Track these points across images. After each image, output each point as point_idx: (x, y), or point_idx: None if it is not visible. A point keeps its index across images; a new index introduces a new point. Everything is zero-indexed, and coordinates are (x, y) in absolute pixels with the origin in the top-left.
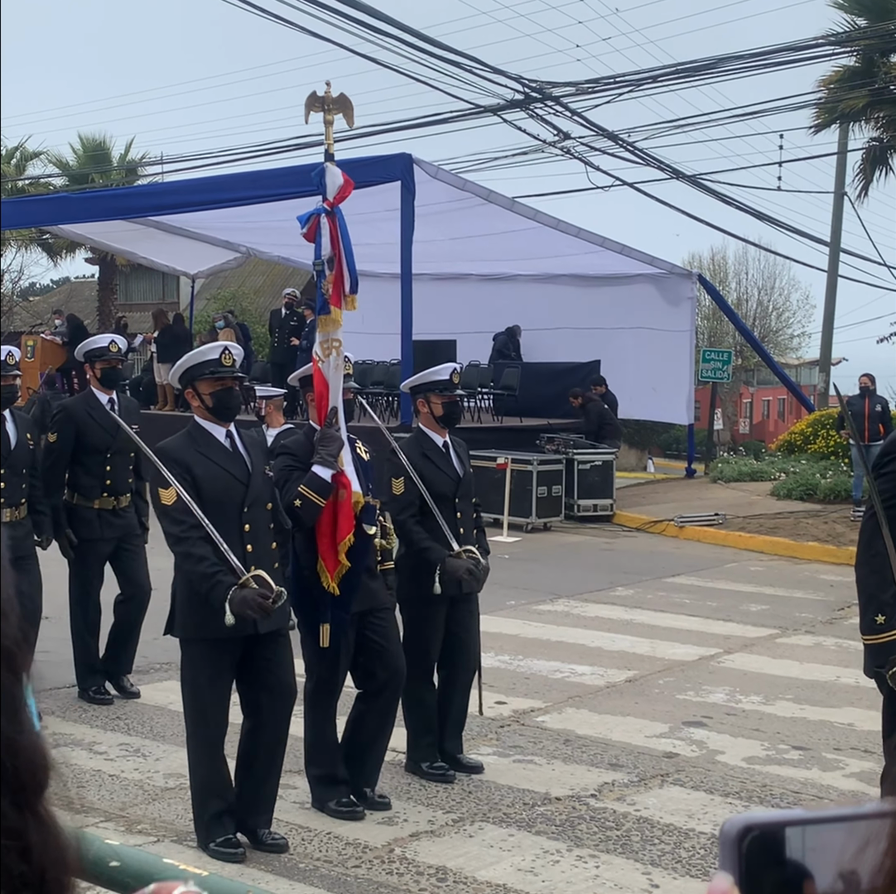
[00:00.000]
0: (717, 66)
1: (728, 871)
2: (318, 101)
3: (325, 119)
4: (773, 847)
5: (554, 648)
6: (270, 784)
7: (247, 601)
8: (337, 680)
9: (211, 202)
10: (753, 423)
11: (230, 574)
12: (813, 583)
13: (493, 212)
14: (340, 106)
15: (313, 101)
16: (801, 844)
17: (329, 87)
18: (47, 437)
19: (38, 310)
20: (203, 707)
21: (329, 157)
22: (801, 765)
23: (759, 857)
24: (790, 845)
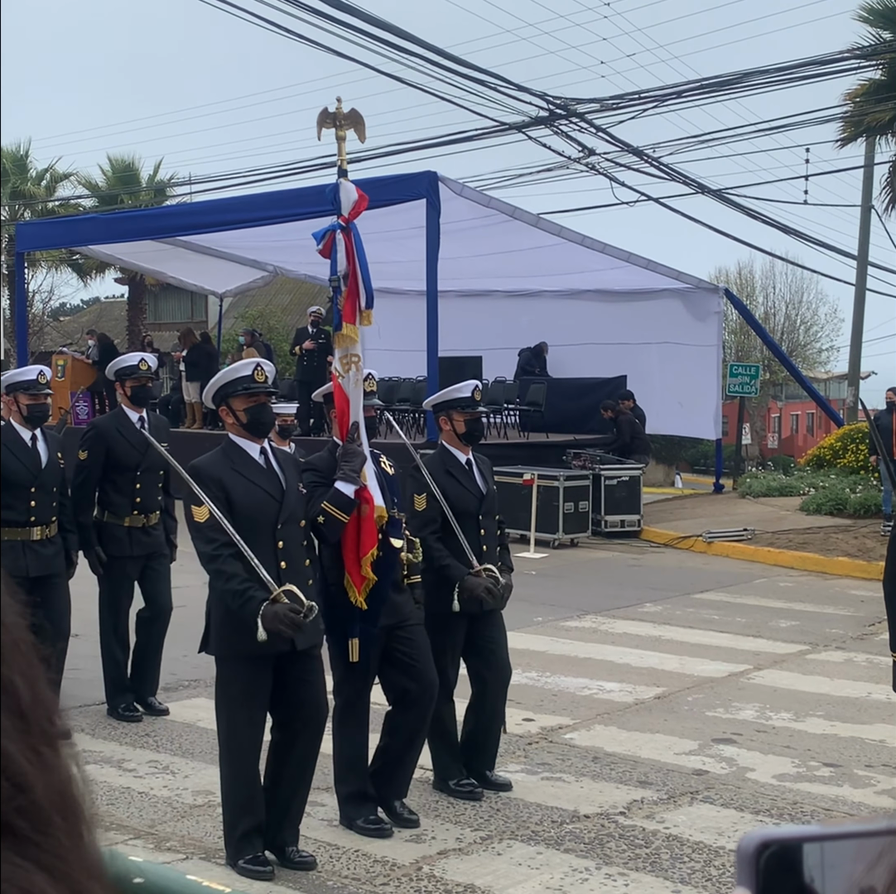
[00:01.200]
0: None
1: (746, 887)
2: (330, 118)
3: (337, 135)
4: (791, 863)
5: (582, 665)
6: (299, 801)
7: (278, 616)
8: (367, 695)
9: (238, 221)
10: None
11: (262, 589)
12: (843, 598)
13: (519, 228)
14: (352, 121)
15: (325, 118)
16: (820, 860)
17: (340, 102)
18: (77, 455)
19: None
20: (238, 724)
21: (342, 173)
22: (832, 782)
23: (777, 873)
24: (808, 861)
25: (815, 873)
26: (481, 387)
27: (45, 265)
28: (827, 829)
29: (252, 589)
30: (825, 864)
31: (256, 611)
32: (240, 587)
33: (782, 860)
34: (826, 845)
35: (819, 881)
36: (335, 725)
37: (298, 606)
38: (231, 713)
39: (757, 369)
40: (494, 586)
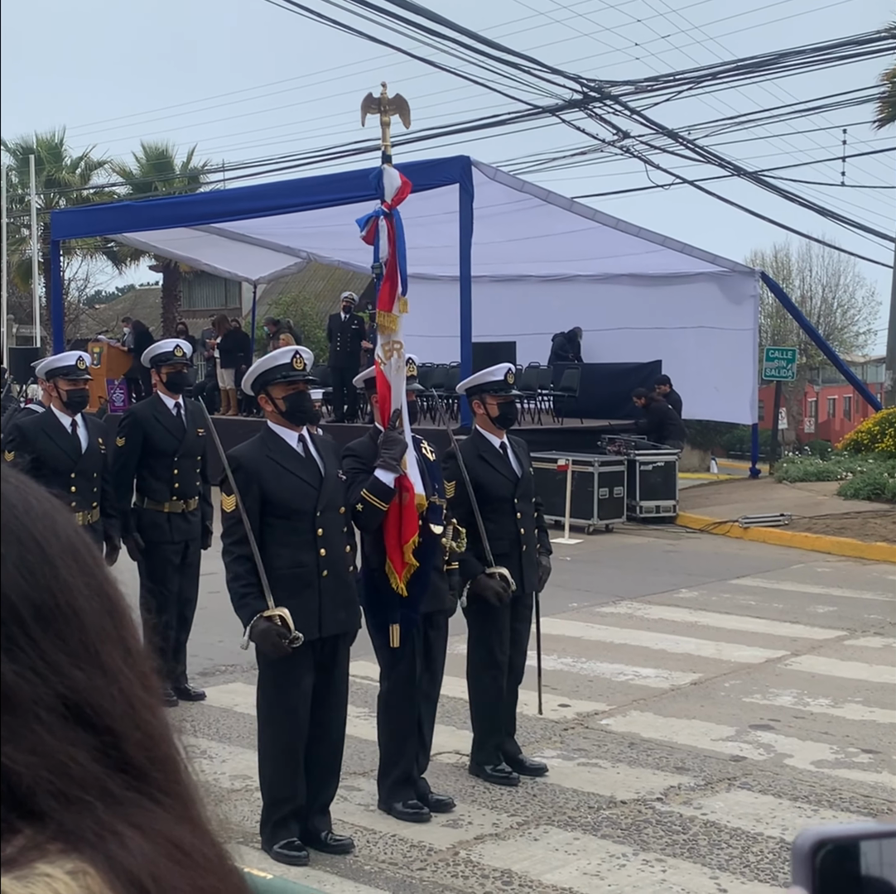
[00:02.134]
0: (778, 61)
1: (802, 886)
2: (374, 103)
3: (382, 121)
4: (849, 861)
5: (617, 650)
6: (332, 787)
7: (265, 634)
8: (412, 680)
9: (272, 208)
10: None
11: (260, 599)
12: (881, 583)
13: (552, 212)
14: (397, 107)
15: (369, 103)
16: (879, 858)
17: (385, 88)
18: (115, 442)
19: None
20: (281, 710)
21: (386, 159)
22: (871, 769)
23: (834, 872)
24: (866, 859)
25: (876, 871)
26: (514, 370)
27: (80, 253)
28: (885, 827)
29: (251, 596)
30: (884, 862)
31: (248, 621)
32: (240, 590)
33: (839, 858)
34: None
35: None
36: (381, 711)
37: (287, 632)
38: (272, 698)
39: (793, 353)
40: (504, 591)
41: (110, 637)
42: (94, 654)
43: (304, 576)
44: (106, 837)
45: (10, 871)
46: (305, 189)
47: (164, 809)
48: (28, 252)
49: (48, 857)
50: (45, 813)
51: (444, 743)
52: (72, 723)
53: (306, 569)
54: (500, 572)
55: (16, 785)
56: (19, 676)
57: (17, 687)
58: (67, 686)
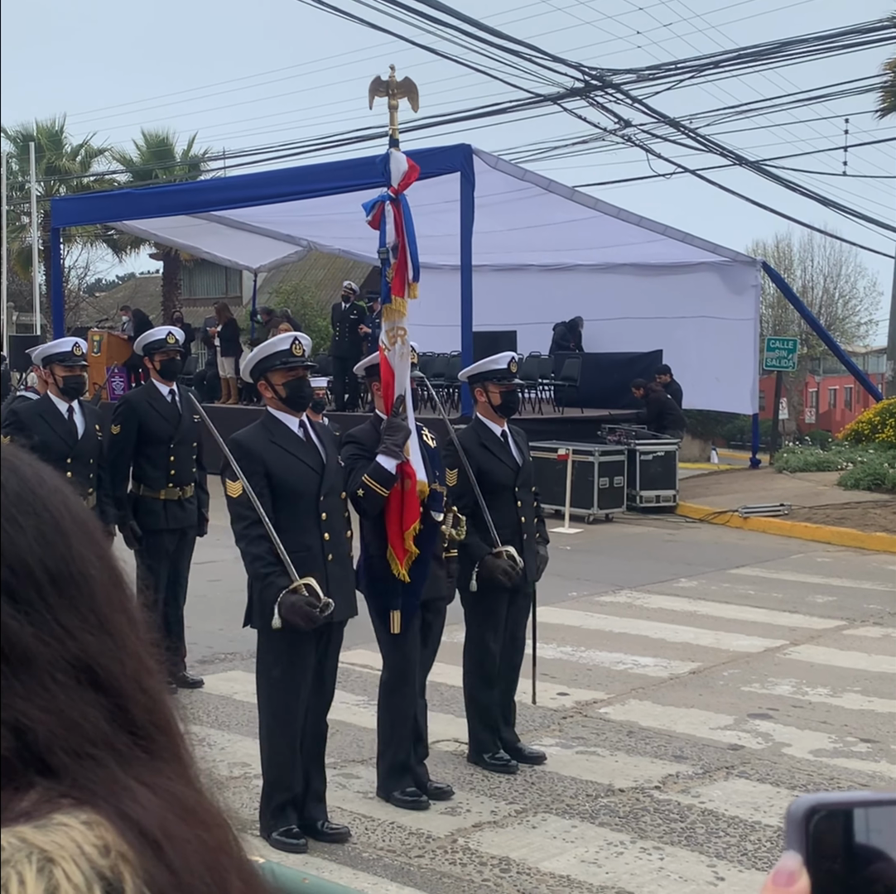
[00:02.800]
0: (780, 50)
1: (795, 850)
2: (383, 86)
3: (390, 104)
4: (841, 828)
5: (616, 640)
6: (321, 774)
7: (295, 607)
8: (413, 667)
9: (272, 196)
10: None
11: (283, 576)
12: (881, 573)
13: (554, 201)
14: (405, 90)
15: (377, 86)
16: (870, 825)
17: (393, 71)
18: (110, 430)
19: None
20: (280, 698)
21: (394, 143)
22: (870, 758)
23: (827, 838)
24: (858, 826)
25: (866, 838)
26: (517, 359)
27: (80, 241)
28: (879, 795)
29: (274, 574)
30: (875, 829)
31: (275, 598)
32: (262, 571)
33: (832, 824)
34: (877, 810)
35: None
36: (382, 697)
37: (315, 600)
38: (272, 686)
39: (794, 343)
40: (513, 569)
41: (117, 606)
42: (103, 621)
43: (311, 559)
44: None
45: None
46: (306, 177)
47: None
48: (28, 240)
49: (63, 809)
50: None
51: (443, 731)
52: (84, 685)
53: (312, 552)
54: (506, 550)
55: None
56: (37, 638)
57: (36, 648)
58: (80, 649)
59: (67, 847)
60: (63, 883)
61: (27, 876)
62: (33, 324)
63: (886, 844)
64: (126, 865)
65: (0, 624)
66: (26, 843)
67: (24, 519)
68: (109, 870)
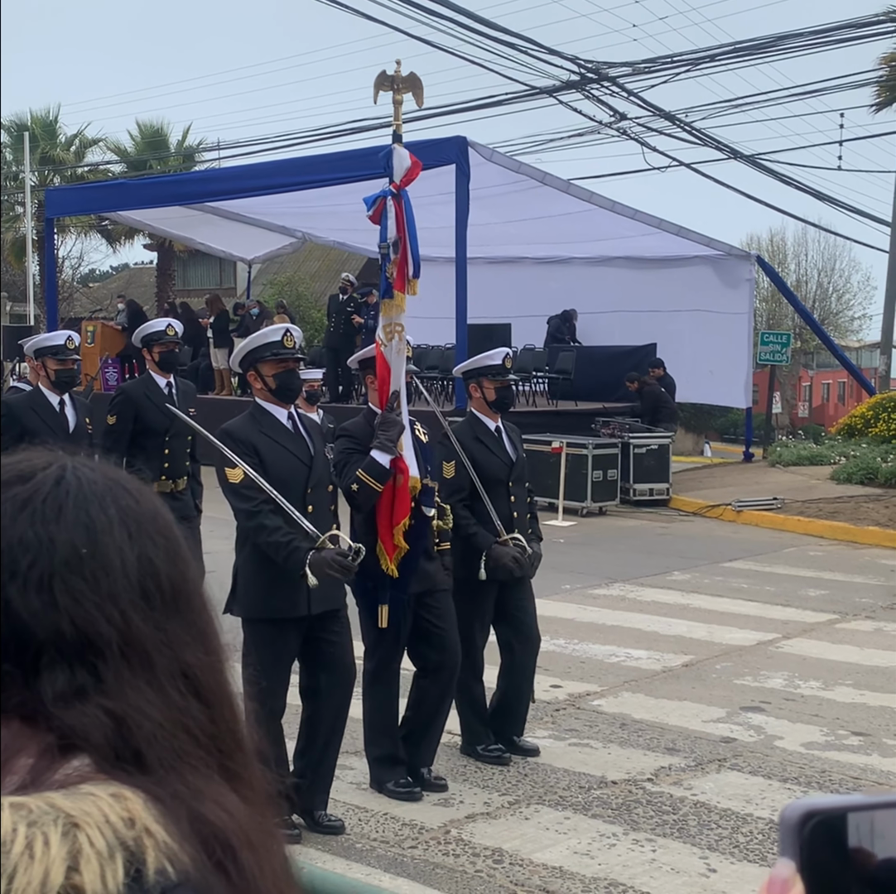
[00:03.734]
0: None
1: (789, 857)
2: (388, 81)
3: (395, 98)
4: (836, 833)
5: (609, 632)
6: (328, 765)
7: (326, 561)
8: (396, 660)
9: (267, 187)
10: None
11: (306, 539)
12: (873, 567)
13: (549, 194)
14: (410, 85)
15: (383, 81)
16: (865, 829)
17: (399, 65)
18: (106, 420)
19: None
20: (265, 687)
21: (397, 139)
22: (861, 751)
23: (822, 843)
24: (853, 831)
25: (861, 843)
26: (512, 354)
27: (74, 231)
28: (872, 799)
29: (296, 540)
30: (872, 834)
31: (303, 561)
32: (284, 539)
33: (827, 830)
34: (871, 814)
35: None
36: (365, 689)
37: (346, 550)
38: (258, 675)
39: (788, 337)
40: (521, 555)
41: (213, 626)
42: (204, 638)
43: (308, 538)
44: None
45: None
46: (301, 168)
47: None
48: (22, 230)
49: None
50: (152, 765)
51: None
52: (189, 694)
53: None
54: (512, 537)
55: (130, 734)
56: (160, 644)
57: (157, 652)
58: (190, 660)
59: (93, 814)
60: (86, 847)
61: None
62: (27, 315)
63: (881, 848)
64: (150, 839)
65: (132, 623)
66: (54, 808)
67: (158, 538)
68: (133, 841)
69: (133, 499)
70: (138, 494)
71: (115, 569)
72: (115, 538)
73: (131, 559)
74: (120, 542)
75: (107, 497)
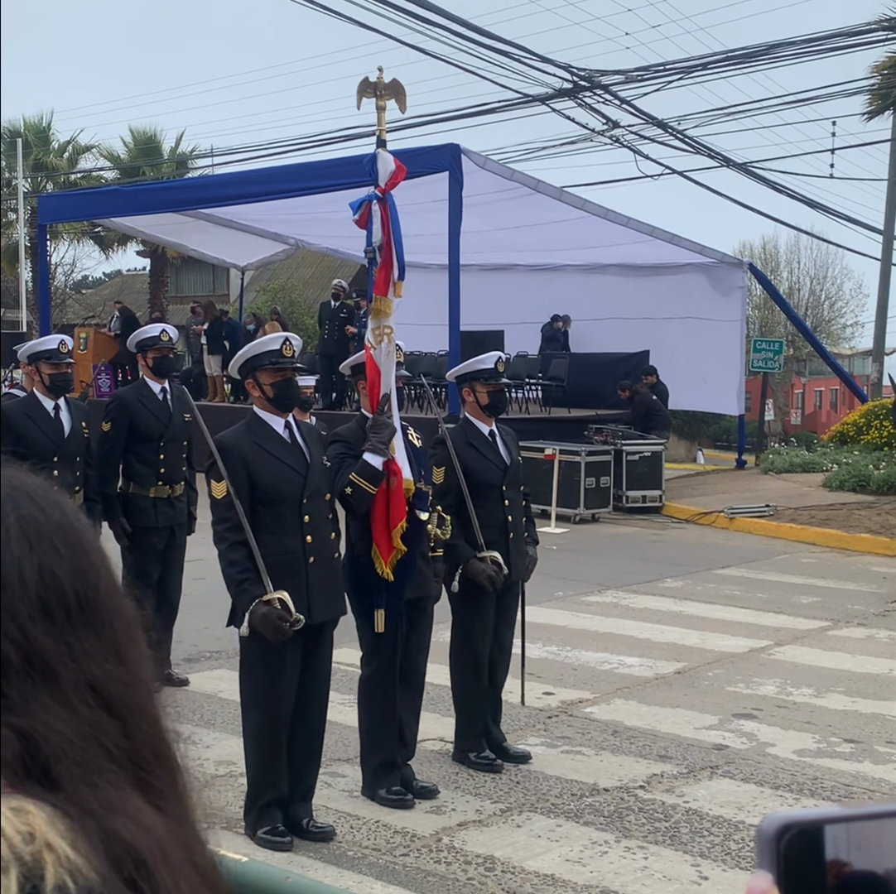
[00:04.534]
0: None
1: (767, 870)
2: (371, 87)
3: (378, 105)
4: (813, 845)
5: (602, 639)
6: (312, 773)
7: (266, 619)
8: (394, 666)
9: (260, 194)
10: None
11: (258, 585)
12: (865, 575)
13: (542, 202)
14: (393, 91)
15: (365, 87)
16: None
17: (381, 72)
18: (101, 426)
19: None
20: (265, 696)
21: (381, 144)
22: (853, 758)
23: (799, 856)
24: (830, 843)
25: (838, 855)
26: (504, 359)
27: (67, 237)
28: (848, 810)
29: (248, 582)
30: (849, 845)
31: (247, 606)
32: (238, 577)
33: (804, 842)
34: (848, 826)
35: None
36: (362, 695)
37: (287, 615)
38: (257, 685)
39: (781, 345)
40: (497, 575)
41: (132, 638)
42: (119, 651)
43: (292, 562)
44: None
45: None
46: (294, 175)
47: (165, 801)
48: (15, 236)
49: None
50: (62, 781)
51: (429, 729)
52: (97, 708)
53: (293, 555)
54: (491, 556)
55: (37, 751)
56: (64, 657)
57: (62, 666)
58: (98, 674)
59: None
60: None
61: None
62: (19, 321)
63: (858, 860)
64: (50, 854)
65: (31, 637)
66: None
67: (63, 549)
68: (30, 856)
69: (37, 508)
70: (44, 502)
71: (13, 583)
72: (13, 549)
73: (30, 571)
74: (18, 554)
75: (7, 505)
